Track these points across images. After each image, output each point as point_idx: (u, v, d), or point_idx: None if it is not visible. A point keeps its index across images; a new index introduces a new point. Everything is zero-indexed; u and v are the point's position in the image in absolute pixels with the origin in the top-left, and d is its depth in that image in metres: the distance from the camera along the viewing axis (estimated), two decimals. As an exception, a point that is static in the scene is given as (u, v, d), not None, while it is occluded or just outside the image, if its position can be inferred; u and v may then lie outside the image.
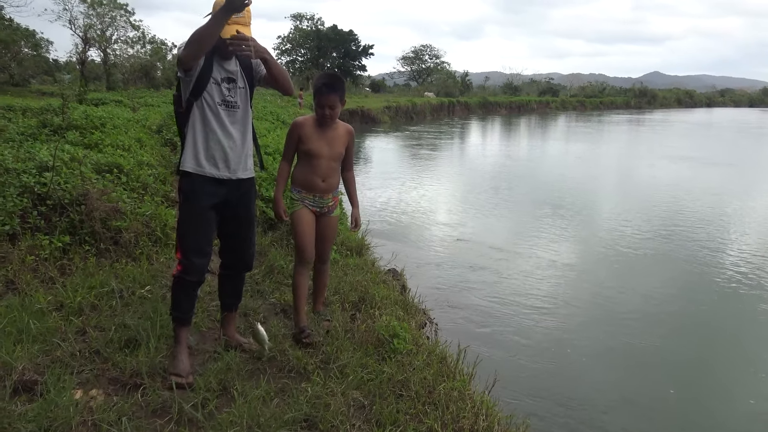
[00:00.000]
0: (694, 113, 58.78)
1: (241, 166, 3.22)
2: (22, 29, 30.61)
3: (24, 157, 5.72)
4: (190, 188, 3.11)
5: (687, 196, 12.00)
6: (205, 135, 3.10)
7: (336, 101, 3.60)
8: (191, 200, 3.11)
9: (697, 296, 6.43)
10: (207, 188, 3.11)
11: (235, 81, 3.17)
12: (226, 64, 3.14)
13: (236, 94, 3.17)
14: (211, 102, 3.08)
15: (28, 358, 3.18)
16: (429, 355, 3.67)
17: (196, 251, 3.13)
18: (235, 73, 3.17)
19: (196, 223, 3.12)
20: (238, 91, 3.18)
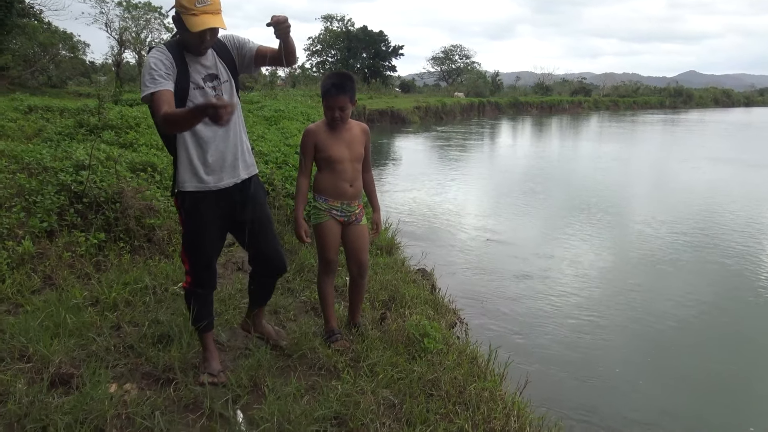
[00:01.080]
0: (732, 113, 57.38)
1: (242, 165, 3.02)
2: (60, 32, 31.36)
3: (61, 156, 5.85)
4: (193, 205, 2.92)
5: (726, 200, 11.67)
6: (199, 148, 2.87)
7: (346, 102, 3.37)
8: (195, 217, 2.95)
9: (737, 307, 6.22)
10: (210, 202, 2.92)
11: (218, 76, 2.91)
12: (203, 60, 2.86)
13: (222, 90, 2.92)
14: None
15: (65, 351, 3.24)
16: (459, 354, 3.64)
17: (203, 266, 3.06)
18: (215, 66, 2.91)
19: (202, 239, 3.00)
20: (223, 87, 2.92)
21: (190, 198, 2.90)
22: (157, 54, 2.71)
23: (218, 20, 2.70)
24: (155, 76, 2.62)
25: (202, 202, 2.90)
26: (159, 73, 2.64)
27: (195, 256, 3.03)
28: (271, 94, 26.32)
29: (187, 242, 3.03)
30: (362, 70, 53.31)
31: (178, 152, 2.86)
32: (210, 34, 2.74)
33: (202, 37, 2.72)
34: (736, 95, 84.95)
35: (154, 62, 2.66)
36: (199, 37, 2.70)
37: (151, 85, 2.60)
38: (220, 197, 2.94)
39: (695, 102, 70.98)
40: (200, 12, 2.64)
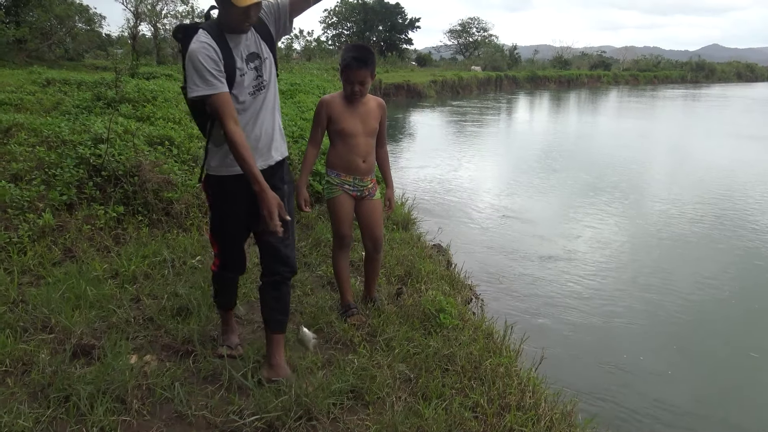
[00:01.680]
0: (756, 87, 56.20)
1: (274, 147, 2.82)
2: (76, 4, 31.31)
3: (80, 130, 5.89)
4: (220, 189, 2.78)
5: (753, 180, 11.43)
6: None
7: (367, 76, 3.32)
8: (222, 201, 2.82)
9: (765, 291, 6.15)
10: (239, 186, 2.67)
11: (259, 55, 2.69)
12: (244, 39, 2.63)
13: (264, 69, 2.71)
14: (240, 94, 2.64)
15: (86, 323, 3.30)
16: (475, 330, 3.65)
17: (231, 250, 2.96)
18: (256, 44, 2.68)
19: (229, 223, 2.86)
20: (264, 66, 2.71)
21: (218, 182, 2.76)
22: (203, 45, 2.47)
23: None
24: (206, 76, 2.45)
25: (230, 186, 2.73)
26: (209, 71, 2.46)
27: (223, 240, 2.93)
28: (287, 67, 26.21)
29: (214, 226, 2.94)
30: (378, 43, 52.78)
31: (213, 132, 2.68)
32: (255, 11, 2.52)
33: (248, 14, 2.49)
34: (759, 69, 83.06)
35: (202, 57, 2.44)
36: (245, 13, 2.47)
37: (202, 86, 2.45)
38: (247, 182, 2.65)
39: (717, 76, 69.55)
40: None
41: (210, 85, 2.46)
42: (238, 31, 2.57)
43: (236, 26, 2.55)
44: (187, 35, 2.53)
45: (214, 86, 2.47)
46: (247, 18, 2.51)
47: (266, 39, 2.73)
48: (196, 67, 2.44)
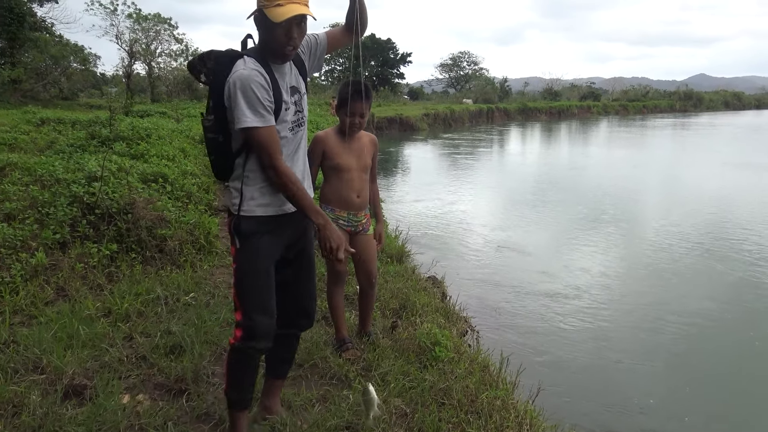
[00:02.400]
0: (743, 116, 56.97)
1: (307, 186, 2.57)
2: (71, 45, 31.69)
3: (74, 168, 5.91)
4: (254, 230, 2.42)
5: (746, 210, 11.53)
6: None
7: (367, 109, 3.40)
8: (255, 246, 2.43)
9: (752, 315, 6.14)
10: (273, 228, 2.46)
11: (298, 90, 2.52)
12: (285, 69, 2.44)
13: (302, 105, 2.54)
14: (282, 130, 2.41)
15: (78, 363, 3.26)
16: (471, 363, 3.62)
17: (261, 309, 2.46)
18: (295, 77, 2.51)
19: (261, 274, 2.45)
20: (303, 101, 2.54)
21: (252, 222, 2.42)
22: (255, 73, 2.27)
23: (307, 9, 2.31)
24: (258, 107, 2.25)
25: (266, 228, 2.45)
26: (261, 102, 2.26)
27: (253, 297, 2.45)
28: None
29: (242, 278, 2.46)
30: (370, 77, 53.46)
31: (246, 174, 2.41)
32: (297, 31, 2.32)
33: (289, 33, 2.29)
34: (746, 98, 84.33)
35: (255, 86, 2.25)
36: (287, 33, 2.28)
37: (252, 117, 2.24)
38: (284, 223, 2.49)
39: (705, 105, 70.55)
40: (286, 1, 2.25)
41: (261, 117, 2.26)
42: (281, 57, 2.37)
43: (279, 50, 2.34)
44: (221, 62, 2.34)
45: (264, 119, 2.27)
46: (290, 39, 2.31)
47: (302, 73, 2.57)
48: (247, 96, 2.24)
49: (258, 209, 2.42)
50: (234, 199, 2.45)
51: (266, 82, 2.28)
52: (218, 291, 4.55)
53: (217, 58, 2.37)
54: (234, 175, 2.46)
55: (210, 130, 2.41)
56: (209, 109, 2.39)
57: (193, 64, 2.45)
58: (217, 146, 2.44)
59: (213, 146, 2.45)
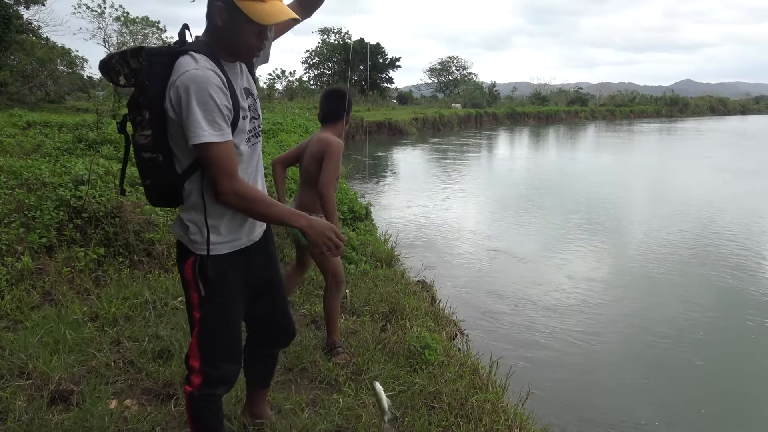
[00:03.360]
0: (728, 121, 57.55)
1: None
2: (58, 48, 31.45)
3: (60, 172, 5.87)
4: (223, 274, 2.07)
5: (731, 215, 11.65)
6: None
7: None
8: (224, 293, 2.10)
9: (737, 317, 6.20)
10: (242, 264, 2.13)
11: (252, 92, 2.12)
12: (235, 69, 2.05)
13: (258, 110, 2.16)
14: (240, 143, 2.01)
15: (65, 368, 3.23)
16: (461, 366, 3.63)
17: (228, 357, 2.18)
18: (246, 78, 2.12)
19: (230, 318, 2.15)
20: (257, 105, 2.16)
21: (222, 265, 2.06)
22: (212, 75, 1.85)
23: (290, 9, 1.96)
24: (217, 118, 1.84)
25: (235, 268, 2.11)
26: (222, 112, 1.85)
27: (220, 344, 2.14)
28: (269, 107, 26.40)
29: (206, 332, 2.11)
30: (359, 82, 53.53)
31: (206, 194, 1.97)
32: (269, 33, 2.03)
33: (263, 36, 1.95)
34: (732, 103, 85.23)
35: (214, 91, 1.84)
36: (260, 34, 1.92)
37: (209, 130, 1.82)
38: (250, 254, 2.16)
39: (691, 110, 71.20)
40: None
41: (219, 130, 1.84)
42: (243, 58, 2.02)
43: (243, 51, 1.97)
44: (158, 62, 1.86)
45: (223, 132, 1.85)
46: (261, 43, 1.97)
47: (251, 71, 2.17)
48: (204, 104, 1.81)
49: (225, 246, 2.04)
50: (193, 235, 2.01)
51: (224, 85, 1.88)
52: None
53: (151, 56, 1.87)
54: (188, 203, 2.01)
55: (146, 148, 1.92)
56: (144, 121, 1.91)
57: (109, 64, 1.96)
58: (155, 168, 1.95)
59: (150, 168, 1.97)
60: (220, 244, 2.03)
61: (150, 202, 2.11)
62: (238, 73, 2.04)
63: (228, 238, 2.05)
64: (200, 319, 2.09)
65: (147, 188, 2.04)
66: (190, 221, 2.02)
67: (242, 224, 2.08)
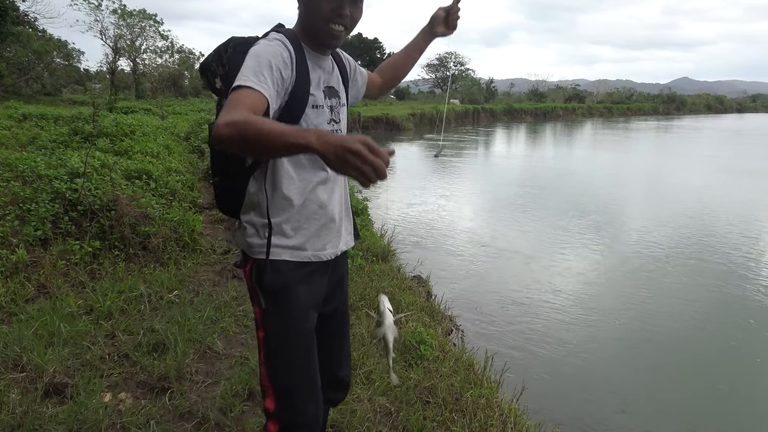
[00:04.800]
0: (724, 119, 57.73)
1: (345, 229, 1.96)
2: (54, 40, 31.37)
3: (56, 164, 5.84)
4: (285, 282, 1.77)
5: (727, 214, 11.70)
6: (303, 196, 1.78)
7: None
8: (290, 304, 1.78)
9: (731, 314, 6.22)
10: (307, 277, 1.81)
11: (338, 93, 1.89)
12: (324, 63, 1.85)
13: (340, 115, 1.89)
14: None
15: (59, 361, 3.22)
16: (456, 362, 3.63)
17: (308, 393, 1.83)
18: (336, 78, 1.91)
19: (304, 342, 1.81)
20: (341, 112, 1.90)
21: (283, 272, 1.76)
22: (279, 46, 1.68)
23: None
24: (264, 71, 1.59)
25: (299, 278, 1.79)
26: (272, 73, 1.61)
27: (294, 378, 1.81)
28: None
29: (274, 354, 1.81)
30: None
31: (269, 200, 1.76)
32: (351, 7, 1.75)
33: (339, 7, 1.72)
34: (728, 102, 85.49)
35: (271, 55, 1.63)
36: (334, 13, 1.72)
37: (250, 77, 1.56)
38: (319, 275, 1.86)
39: (688, 108, 71.41)
40: None
41: (259, 79, 1.57)
42: (323, 41, 1.79)
43: (321, 28, 1.74)
44: (241, 50, 1.72)
45: (263, 84, 1.57)
46: (337, 16, 1.73)
47: (344, 81, 1.97)
48: (257, 57, 1.62)
49: (287, 252, 1.77)
50: (250, 237, 1.78)
51: (291, 62, 1.69)
52: (202, 289, 4.52)
53: (235, 45, 1.81)
54: (247, 202, 1.81)
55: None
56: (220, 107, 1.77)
57: (207, 66, 1.87)
58: (225, 162, 1.81)
59: (220, 162, 1.84)
60: (281, 248, 1.76)
61: (219, 208, 1.92)
62: (326, 68, 1.86)
63: (291, 242, 1.77)
64: (265, 339, 1.79)
65: (216, 188, 1.88)
66: (248, 222, 1.80)
67: (308, 228, 1.80)
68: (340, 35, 1.77)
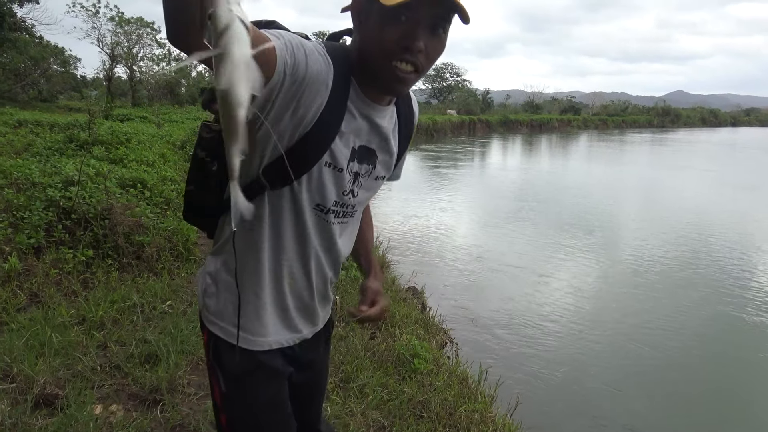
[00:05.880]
0: (718, 132, 58.07)
1: (327, 303, 1.60)
2: (51, 47, 31.39)
3: (50, 172, 5.81)
4: (254, 369, 1.43)
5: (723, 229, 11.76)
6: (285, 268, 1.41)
7: None
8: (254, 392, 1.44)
9: (726, 326, 6.24)
10: (276, 364, 1.46)
11: (375, 158, 1.44)
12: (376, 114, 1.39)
13: (368, 185, 1.47)
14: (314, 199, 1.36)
15: (50, 371, 3.19)
16: (450, 375, 3.62)
17: None
18: (382, 139, 1.44)
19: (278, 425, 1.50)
20: (371, 184, 1.48)
21: (248, 359, 1.41)
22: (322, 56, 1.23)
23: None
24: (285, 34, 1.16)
25: (265, 367, 1.44)
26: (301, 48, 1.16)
27: None
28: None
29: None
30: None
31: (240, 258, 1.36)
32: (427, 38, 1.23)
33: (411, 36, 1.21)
34: (723, 115, 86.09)
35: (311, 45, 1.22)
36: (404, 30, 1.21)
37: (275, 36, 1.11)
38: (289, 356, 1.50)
39: (683, 121, 71.86)
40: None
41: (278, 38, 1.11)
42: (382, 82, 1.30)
43: (380, 66, 1.25)
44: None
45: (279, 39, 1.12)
46: (406, 48, 1.21)
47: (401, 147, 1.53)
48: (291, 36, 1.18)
49: (257, 339, 1.41)
50: (209, 298, 1.44)
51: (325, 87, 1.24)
52: (196, 299, 4.50)
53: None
54: (218, 240, 1.47)
55: (204, 145, 1.40)
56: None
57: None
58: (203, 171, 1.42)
59: (198, 171, 1.44)
60: (249, 333, 1.39)
61: (184, 215, 1.55)
62: (374, 121, 1.38)
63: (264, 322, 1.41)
64: (229, 424, 1.46)
65: (188, 195, 1.49)
66: (210, 274, 1.43)
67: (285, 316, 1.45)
68: (407, 79, 1.26)
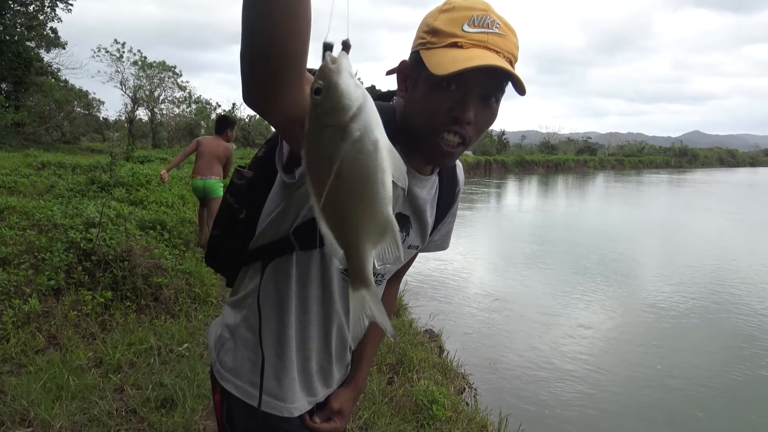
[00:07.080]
0: (737, 173, 57.69)
1: (344, 366, 1.51)
2: (75, 90, 32.27)
3: (72, 213, 5.91)
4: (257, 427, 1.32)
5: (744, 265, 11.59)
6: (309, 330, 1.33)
7: None
8: None
9: (745, 370, 6.09)
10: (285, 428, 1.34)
11: (408, 224, 1.37)
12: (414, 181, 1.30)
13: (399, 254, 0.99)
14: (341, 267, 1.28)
15: (66, 416, 3.18)
16: (469, 422, 3.55)
17: None
18: (420, 207, 1.37)
19: None
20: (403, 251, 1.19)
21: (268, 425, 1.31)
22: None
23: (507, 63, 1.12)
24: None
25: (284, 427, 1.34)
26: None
27: None
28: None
29: None
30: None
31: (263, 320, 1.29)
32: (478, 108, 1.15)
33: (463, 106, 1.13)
34: (741, 155, 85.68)
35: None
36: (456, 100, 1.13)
37: None
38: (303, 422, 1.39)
39: (700, 162, 71.58)
40: (471, 41, 1.10)
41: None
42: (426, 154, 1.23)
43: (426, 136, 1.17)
44: None
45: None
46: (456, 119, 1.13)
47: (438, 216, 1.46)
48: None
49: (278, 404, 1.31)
50: (225, 354, 1.34)
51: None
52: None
53: None
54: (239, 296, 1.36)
55: (234, 191, 1.36)
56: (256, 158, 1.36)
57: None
58: (230, 217, 1.36)
59: (226, 216, 1.37)
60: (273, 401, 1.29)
61: (206, 261, 1.48)
62: (415, 190, 1.32)
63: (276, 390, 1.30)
64: None
65: (212, 240, 1.42)
66: (228, 327, 1.34)
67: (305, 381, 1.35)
68: (453, 153, 1.17)
